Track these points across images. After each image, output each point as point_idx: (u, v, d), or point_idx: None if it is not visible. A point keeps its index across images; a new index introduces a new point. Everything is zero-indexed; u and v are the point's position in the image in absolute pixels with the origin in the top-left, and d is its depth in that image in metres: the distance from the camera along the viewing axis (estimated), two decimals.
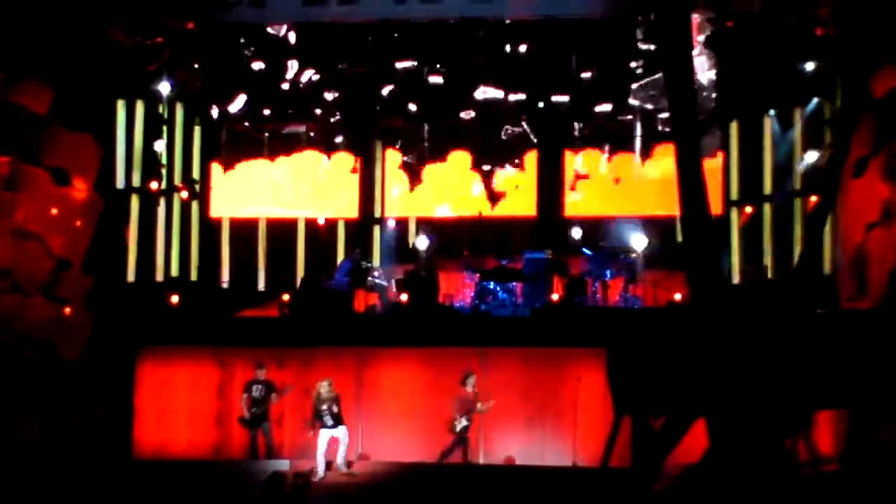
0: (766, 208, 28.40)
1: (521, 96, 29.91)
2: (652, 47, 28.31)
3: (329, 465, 23.36)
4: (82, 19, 25.18)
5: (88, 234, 25.54)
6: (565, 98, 29.64)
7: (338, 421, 23.39)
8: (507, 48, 29.61)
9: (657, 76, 28.14)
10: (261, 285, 30.55)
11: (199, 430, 25.59)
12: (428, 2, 27.78)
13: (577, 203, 30.35)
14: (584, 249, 27.58)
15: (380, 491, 22.83)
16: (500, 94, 29.84)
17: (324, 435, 23.32)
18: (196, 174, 30.09)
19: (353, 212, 31.03)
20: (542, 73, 29.67)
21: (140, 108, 28.32)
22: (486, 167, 30.77)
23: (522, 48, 29.60)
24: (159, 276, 28.57)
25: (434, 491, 22.76)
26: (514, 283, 27.06)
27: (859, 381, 16.28)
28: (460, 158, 31.11)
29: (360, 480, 23.16)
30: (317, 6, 28.12)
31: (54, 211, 24.73)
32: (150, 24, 27.20)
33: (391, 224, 30.32)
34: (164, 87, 28.28)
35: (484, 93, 29.93)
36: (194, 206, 29.82)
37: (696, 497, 16.74)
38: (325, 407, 23.40)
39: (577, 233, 28.90)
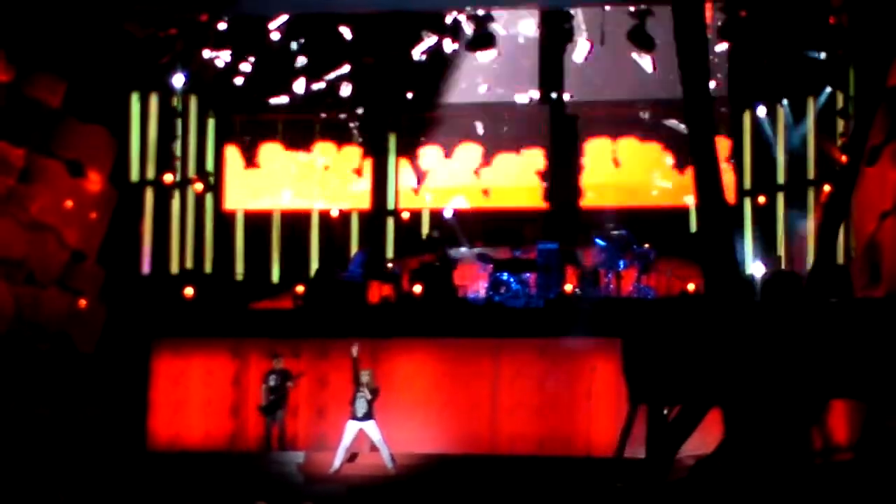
0: (780, 198, 28.39)
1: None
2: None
3: (353, 457, 23.33)
4: (96, 12, 25.21)
5: (103, 226, 25.64)
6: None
7: (369, 414, 23.20)
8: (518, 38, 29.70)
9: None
10: (275, 277, 30.62)
11: (214, 421, 25.65)
12: None
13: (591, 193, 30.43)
14: (597, 240, 27.56)
15: (396, 482, 22.86)
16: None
17: (351, 426, 23.16)
18: (210, 166, 30.16)
19: (365, 203, 31.07)
20: (554, 63, 29.70)
21: (154, 100, 28.35)
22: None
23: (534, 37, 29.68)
24: (174, 269, 28.62)
25: (449, 481, 22.79)
26: (528, 274, 27.06)
27: (874, 370, 16.28)
28: (472, 150, 31.15)
29: (374, 472, 23.17)
30: None
31: (69, 203, 24.81)
32: (164, 15, 27.19)
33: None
34: (178, 80, 28.30)
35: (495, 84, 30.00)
36: (208, 198, 29.88)
37: (710, 487, 16.75)
38: (360, 394, 23.19)
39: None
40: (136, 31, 27.01)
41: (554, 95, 30.09)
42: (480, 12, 28.41)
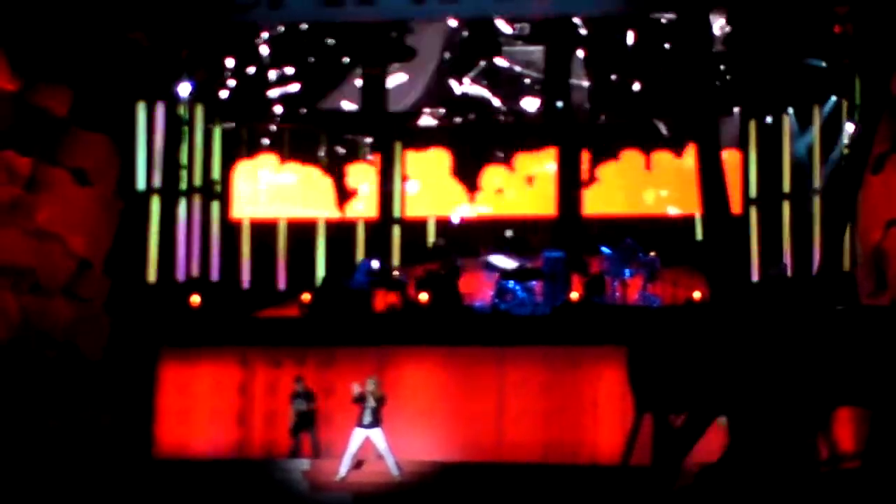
0: (786, 207, 28.41)
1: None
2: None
3: (359, 464, 23.33)
4: (103, 24, 25.28)
5: (109, 234, 25.66)
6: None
7: (376, 422, 23.18)
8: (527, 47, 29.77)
9: None
10: (281, 285, 30.64)
11: (221, 429, 25.64)
12: (446, 1, 27.72)
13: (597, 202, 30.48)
14: (603, 248, 27.58)
15: (402, 490, 22.86)
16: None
17: (358, 434, 23.13)
18: (216, 175, 30.20)
19: (372, 212, 31.12)
20: (563, 73, 29.76)
21: (160, 109, 28.39)
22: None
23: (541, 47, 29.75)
24: (180, 277, 28.65)
25: (455, 488, 22.77)
26: (534, 282, 27.08)
27: (879, 377, 16.30)
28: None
29: (380, 480, 23.16)
30: (334, 6, 28.15)
31: (75, 212, 24.82)
32: (171, 27, 27.24)
33: None
34: (184, 89, 28.34)
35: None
36: (215, 206, 29.92)
37: (716, 495, 16.77)
38: (367, 404, 23.18)
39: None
40: (142, 40, 27.06)
41: (560, 105, 30.13)
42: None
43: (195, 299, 26.99)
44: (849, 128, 26.23)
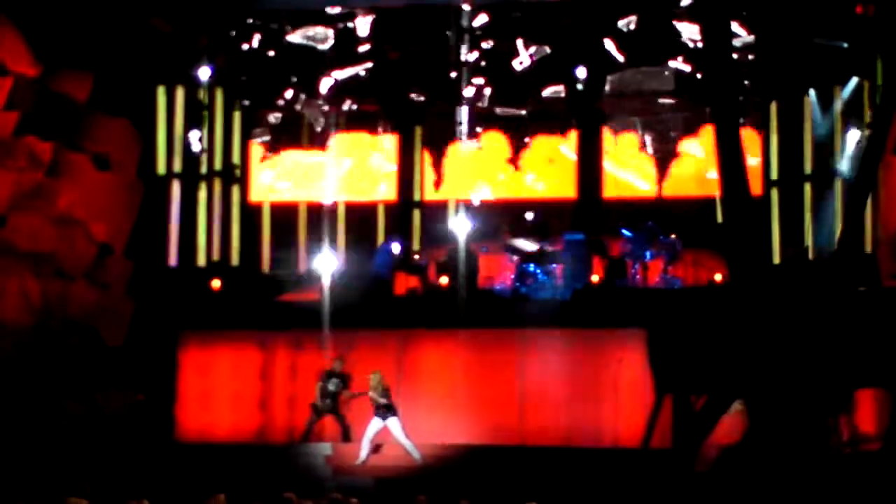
0: (807, 188, 28.32)
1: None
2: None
3: (377, 448, 23.35)
4: (123, 8, 25.31)
5: (130, 219, 25.73)
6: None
7: (389, 412, 23.20)
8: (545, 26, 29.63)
9: None
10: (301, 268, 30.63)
11: (242, 413, 25.72)
12: None
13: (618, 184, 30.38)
14: (624, 230, 27.50)
15: (423, 473, 22.88)
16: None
17: (375, 423, 23.23)
18: (236, 159, 30.20)
19: (392, 195, 31.07)
20: (581, 52, 29.64)
21: (180, 93, 28.41)
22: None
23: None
24: (201, 261, 28.69)
25: (476, 472, 22.78)
26: (555, 265, 27.04)
27: None
28: (497, 139, 31.13)
29: (401, 463, 23.17)
30: None
31: (96, 197, 24.89)
32: (191, 11, 27.25)
33: None
34: (204, 73, 28.35)
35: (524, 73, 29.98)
36: (235, 190, 29.92)
37: (736, 476, 16.77)
38: (375, 402, 23.21)
39: None
40: (162, 25, 27.07)
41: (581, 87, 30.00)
42: None
43: (216, 283, 27.06)
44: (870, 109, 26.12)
